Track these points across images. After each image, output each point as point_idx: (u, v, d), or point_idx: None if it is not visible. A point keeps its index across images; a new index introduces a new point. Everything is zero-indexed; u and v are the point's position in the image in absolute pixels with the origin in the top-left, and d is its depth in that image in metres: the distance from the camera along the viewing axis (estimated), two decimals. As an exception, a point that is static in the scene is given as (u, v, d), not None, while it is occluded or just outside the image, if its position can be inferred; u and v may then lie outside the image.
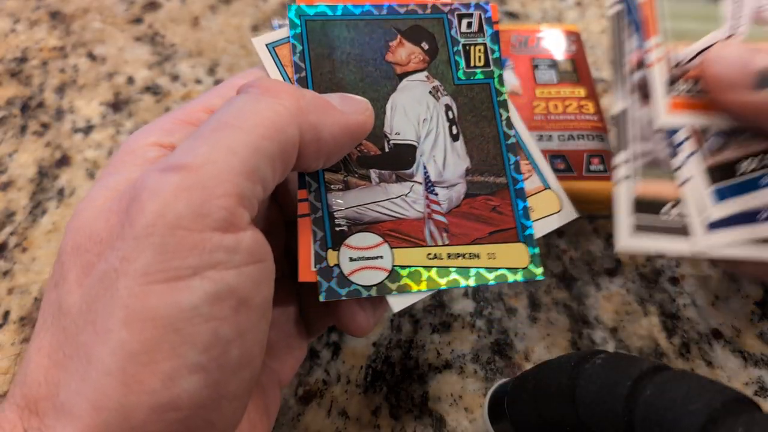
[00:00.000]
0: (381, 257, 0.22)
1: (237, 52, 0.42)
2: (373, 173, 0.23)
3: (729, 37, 0.23)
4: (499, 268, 0.23)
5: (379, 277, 0.22)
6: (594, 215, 0.34)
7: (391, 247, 0.22)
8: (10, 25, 0.43)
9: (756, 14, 0.24)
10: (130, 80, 0.41)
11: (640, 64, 0.24)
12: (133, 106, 0.39)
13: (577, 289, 0.32)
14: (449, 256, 0.23)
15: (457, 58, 0.25)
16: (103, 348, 0.15)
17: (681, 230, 0.23)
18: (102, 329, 0.16)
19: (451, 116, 0.24)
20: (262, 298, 0.18)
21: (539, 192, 0.24)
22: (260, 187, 0.18)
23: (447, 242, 0.23)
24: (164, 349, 0.15)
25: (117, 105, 0.39)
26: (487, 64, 0.25)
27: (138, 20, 0.44)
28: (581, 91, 0.34)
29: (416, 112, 0.24)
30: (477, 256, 0.23)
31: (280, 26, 0.24)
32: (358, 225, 0.22)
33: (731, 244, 0.22)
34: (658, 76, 0.23)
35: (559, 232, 0.34)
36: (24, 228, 0.34)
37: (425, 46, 0.25)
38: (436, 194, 0.23)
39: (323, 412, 0.28)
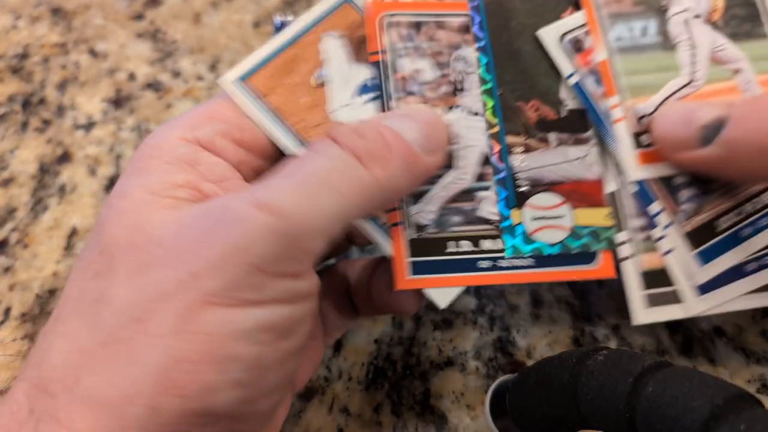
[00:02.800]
0: (562, 217, 0.23)
1: (239, 48, 0.42)
2: (552, 136, 0.24)
3: (689, 83, 0.23)
4: None
5: (560, 235, 0.23)
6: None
7: (572, 208, 0.23)
8: (11, 21, 0.43)
9: (712, 56, 0.24)
10: (132, 77, 0.41)
11: None
12: (135, 102, 0.39)
13: (579, 285, 0.32)
14: None
15: None
16: (148, 349, 0.16)
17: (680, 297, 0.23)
18: (151, 332, 0.16)
19: None
20: (304, 330, 0.19)
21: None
22: (328, 244, 0.19)
23: None
24: (210, 362, 0.16)
25: (118, 101, 0.39)
26: None
27: (139, 17, 0.44)
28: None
29: None
30: None
31: (282, 23, 0.24)
32: (540, 186, 0.23)
33: (725, 303, 0.23)
34: (623, 133, 0.23)
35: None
36: (25, 224, 0.34)
37: None
38: None
39: (324, 409, 0.28)
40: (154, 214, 0.18)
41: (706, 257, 0.23)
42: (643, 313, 0.23)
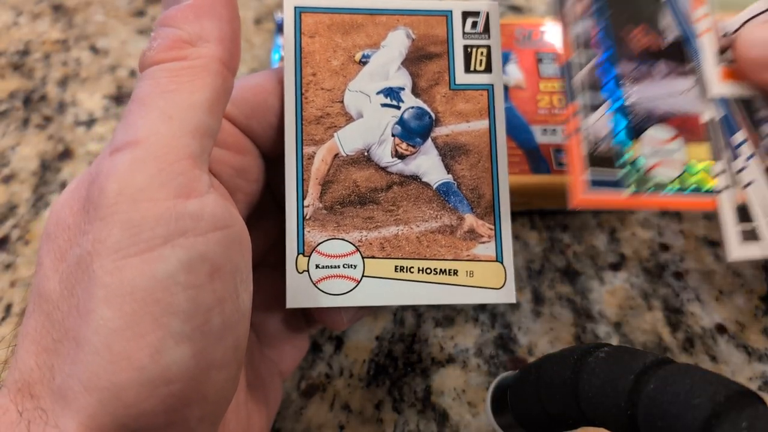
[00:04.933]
0: (676, 151, 0.23)
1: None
2: (659, 67, 0.23)
3: None
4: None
5: (675, 172, 0.22)
6: (598, 210, 0.34)
7: (684, 142, 0.23)
8: (12, 17, 0.43)
9: None
10: (133, 73, 0.41)
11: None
12: (136, 99, 0.39)
13: (580, 283, 0.32)
14: None
15: None
16: (87, 329, 0.16)
17: None
18: (84, 311, 0.16)
19: None
20: (233, 264, 0.17)
21: (488, 261, 0.23)
22: (207, 138, 0.18)
23: None
24: (147, 321, 0.15)
25: (119, 98, 0.39)
26: None
27: (140, 13, 0.44)
28: (585, 85, 0.33)
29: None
30: None
31: (283, 20, 0.24)
32: (652, 118, 0.23)
33: None
34: (707, 46, 0.23)
35: (563, 227, 0.34)
36: (26, 221, 0.34)
37: None
38: None
39: (326, 406, 0.28)
40: (62, 200, 0.18)
41: None
42: (737, 248, 0.22)
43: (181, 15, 0.19)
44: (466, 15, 0.24)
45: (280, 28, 0.40)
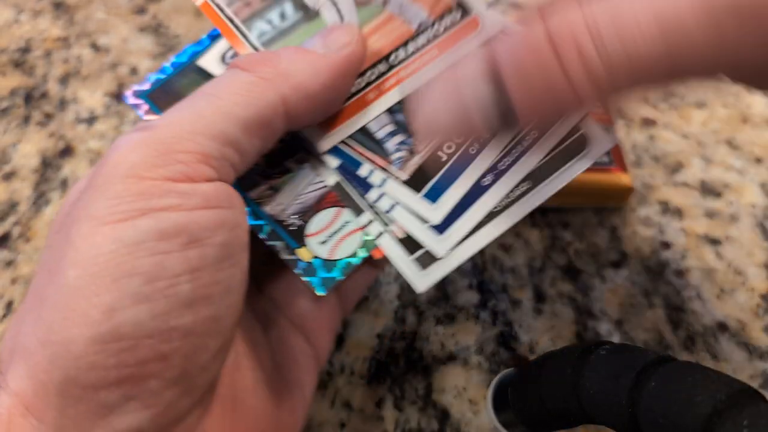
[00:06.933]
0: (346, 224, 0.22)
1: (241, 42, 0.42)
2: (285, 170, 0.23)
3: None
4: None
5: (356, 241, 0.22)
6: (600, 207, 0.34)
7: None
8: (13, 15, 0.43)
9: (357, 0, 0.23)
10: (134, 71, 0.41)
11: None
12: (137, 96, 0.39)
13: (582, 281, 0.32)
14: None
15: None
16: (51, 288, 0.16)
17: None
18: (54, 272, 0.16)
19: None
20: (220, 240, 0.18)
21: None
22: (232, 150, 0.18)
23: None
24: (106, 281, 0.16)
25: (120, 96, 0.39)
26: None
27: (142, 11, 0.44)
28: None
29: None
30: None
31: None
32: (306, 213, 0.22)
33: (477, 237, 0.21)
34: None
35: (564, 225, 0.34)
36: (27, 218, 0.34)
37: None
38: None
39: (327, 403, 0.28)
40: (77, 186, 0.20)
41: (434, 195, 0.22)
42: (421, 279, 0.21)
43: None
44: None
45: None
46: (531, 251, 0.33)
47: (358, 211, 0.22)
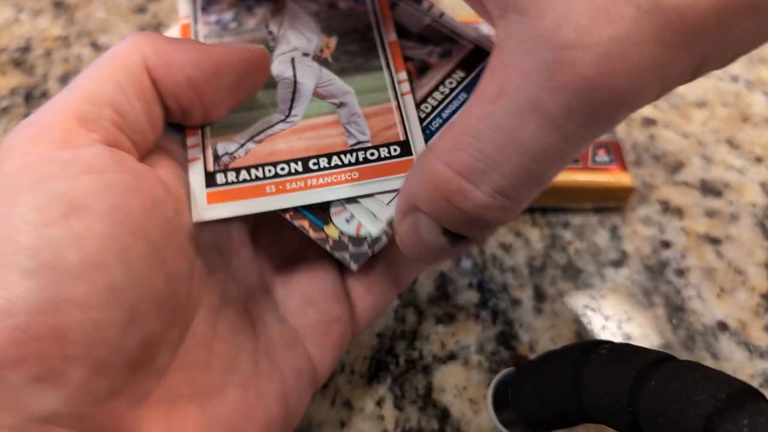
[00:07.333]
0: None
1: (241, 42, 0.42)
2: None
3: (284, 119, 0.22)
4: None
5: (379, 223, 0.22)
6: (600, 206, 0.34)
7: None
8: (14, 14, 0.43)
9: (317, 91, 0.23)
10: (134, 70, 0.41)
11: None
12: (137, 96, 0.39)
13: (582, 280, 0.32)
14: None
15: None
16: None
17: None
18: None
19: None
20: (109, 206, 0.17)
21: None
22: (110, 110, 0.19)
23: None
24: None
25: (121, 95, 0.39)
26: None
27: (142, 10, 0.44)
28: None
29: None
30: None
31: None
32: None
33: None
34: (197, 172, 0.22)
35: (565, 224, 0.34)
36: (28, 218, 0.34)
37: None
38: None
39: (327, 403, 0.28)
40: None
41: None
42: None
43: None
44: None
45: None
46: (531, 250, 0.33)
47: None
